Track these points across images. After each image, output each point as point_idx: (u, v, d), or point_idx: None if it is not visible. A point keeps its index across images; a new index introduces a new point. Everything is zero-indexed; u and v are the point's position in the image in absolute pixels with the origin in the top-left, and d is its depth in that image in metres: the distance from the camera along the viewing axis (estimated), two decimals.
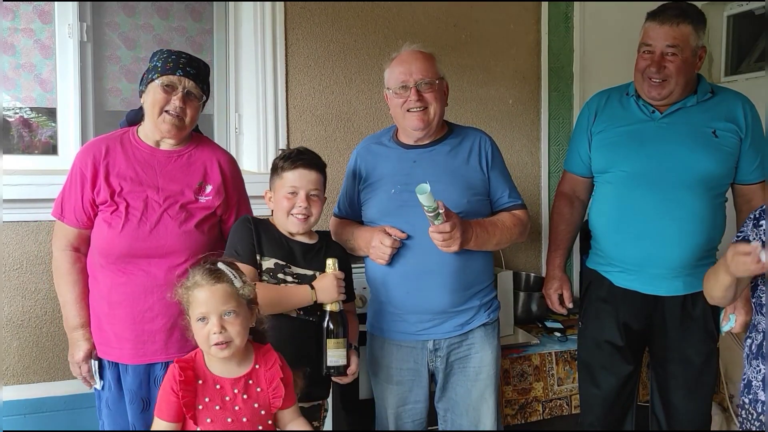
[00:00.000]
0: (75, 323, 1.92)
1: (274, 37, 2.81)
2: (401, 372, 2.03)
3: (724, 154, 2.05)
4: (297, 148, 1.92)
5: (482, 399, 2.03)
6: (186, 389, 1.50)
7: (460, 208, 1.94)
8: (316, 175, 1.87)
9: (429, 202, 1.75)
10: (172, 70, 1.85)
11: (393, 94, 1.99)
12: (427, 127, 1.98)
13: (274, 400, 1.57)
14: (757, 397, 1.72)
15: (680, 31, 2.01)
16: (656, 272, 2.09)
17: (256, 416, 1.54)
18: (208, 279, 1.51)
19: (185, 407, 1.49)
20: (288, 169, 1.85)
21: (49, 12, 2.62)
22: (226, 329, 1.49)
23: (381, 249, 1.94)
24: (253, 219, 1.90)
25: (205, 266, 1.55)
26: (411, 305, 1.98)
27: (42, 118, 2.69)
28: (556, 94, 3.35)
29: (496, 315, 2.08)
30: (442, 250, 1.87)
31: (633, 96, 2.15)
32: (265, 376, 1.58)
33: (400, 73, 1.97)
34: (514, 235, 2.03)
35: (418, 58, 1.98)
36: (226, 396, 1.53)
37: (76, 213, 1.88)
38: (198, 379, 1.53)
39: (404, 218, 1.95)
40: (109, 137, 1.94)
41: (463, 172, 2.00)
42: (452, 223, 1.84)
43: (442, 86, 2.02)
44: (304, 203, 1.84)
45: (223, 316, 1.50)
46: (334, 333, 1.79)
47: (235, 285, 1.53)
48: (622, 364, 2.19)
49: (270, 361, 1.59)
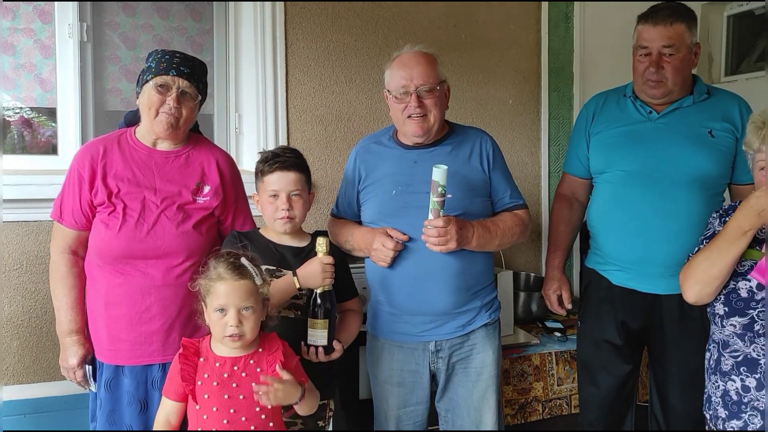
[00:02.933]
0: (69, 328, 1.91)
1: (274, 37, 2.82)
2: (402, 374, 2.02)
3: (720, 154, 2.06)
4: (275, 150, 1.90)
5: (484, 399, 2.02)
6: (185, 362, 1.57)
7: (462, 209, 1.93)
8: (296, 175, 1.85)
9: (443, 180, 1.76)
10: (165, 70, 1.84)
11: (393, 98, 1.97)
12: (426, 134, 1.97)
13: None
14: (717, 413, 1.72)
15: (674, 30, 2.02)
16: (653, 270, 2.09)
17: (253, 396, 1.56)
18: (232, 274, 1.57)
19: (183, 380, 1.56)
20: (267, 173, 1.84)
21: (49, 12, 2.62)
22: (242, 323, 1.56)
23: (383, 252, 1.92)
24: (239, 233, 1.90)
25: (229, 260, 1.60)
26: (412, 307, 1.97)
27: (42, 118, 2.69)
28: (556, 94, 3.35)
29: (497, 315, 2.07)
30: (436, 249, 1.85)
31: (630, 97, 2.16)
32: (267, 359, 1.62)
33: (401, 77, 1.94)
34: (516, 235, 2.02)
35: (420, 62, 1.95)
36: (225, 373, 1.58)
37: (74, 215, 1.88)
38: (200, 357, 1.60)
39: (405, 219, 1.93)
40: (107, 138, 1.93)
41: (464, 173, 1.99)
42: (446, 219, 1.83)
43: (443, 90, 2.00)
44: (285, 205, 1.82)
45: (241, 311, 1.56)
46: (313, 312, 1.78)
47: (256, 282, 1.59)
48: (621, 364, 2.19)
49: (273, 347, 1.64)
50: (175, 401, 1.60)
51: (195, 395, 1.57)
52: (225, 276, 1.57)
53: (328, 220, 2.18)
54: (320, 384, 1.86)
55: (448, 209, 1.86)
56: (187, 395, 1.58)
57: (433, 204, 1.81)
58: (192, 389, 1.56)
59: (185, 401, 1.60)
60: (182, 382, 1.56)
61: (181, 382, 1.57)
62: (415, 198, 1.91)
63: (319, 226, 2.52)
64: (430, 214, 1.83)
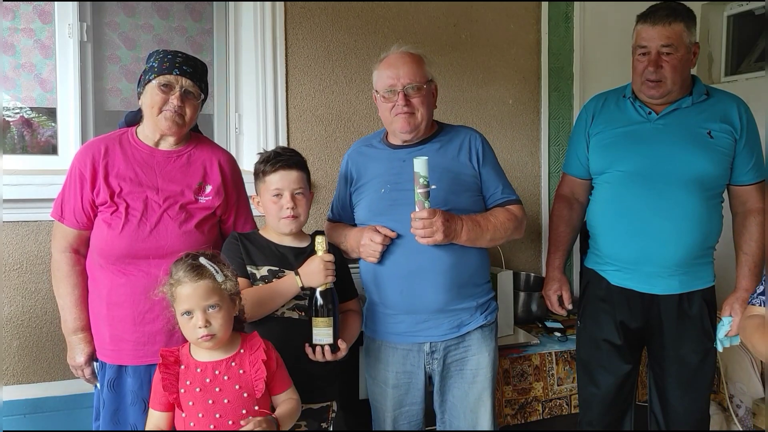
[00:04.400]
0: (75, 326, 1.91)
1: (274, 37, 2.82)
2: (398, 375, 2.02)
3: (719, 155, 2.06)
4: (275, 150, 1.91)
5: (479, 401, 2.02)
6: (165, 372, 1.56)
7: (451, 204, 1.93)
8: (298, 173, 1.86)
9: (425, 171, 1.76)
10: (168, 70, 1.84)
11: (381, 97, 2.00)
12: (414, 131, 1.98)
13: (257, 382, 1.58)
14: None
15: (673, 29, 2.03)
16: (651, 271, 2.09)
17: (238, 399, 1.56)
18: (190, 276, 1.56)
19: (165, 389, 1.55)
20: (269, 172, 1.84)
21: (49, 12, 2.62)
22: (210, 323, 1.55)
23: (371, 246, 1.93)
24: (239, 234, 1.90)
25: (187, 261, 1.59)
26: (405, 305, 1.97)
27: (42, 118, 2.69)
28: (556, 94, 3.35)
29: (493, 317, 2.07)
30: (423, 242, 1.85)
31: (630, 98, 2.17)
32: (249, 359, 1.61)
33: (388, 77, 1.96)
34: (509, 231, 2.01)
35: (406, 62, 1.97)
36: (207, 378, 1.57)
37: (75, 214, 1.88)
38: (180, 365, 1.59)
39: (395, 217, 1.94)
40: (108, 138, 1.93)
41: (452, 169, 1.99)
42: (432, 211, 1.83)
43: (431, 89, 2.01)
44: (290, 203, 1.83)
45: (206, 311, 1.55)
46: (315, 311, 1.78)
47: (217, 280, 1.58)
48: (621, 364, 2.19)
49: (255, 346, 1.62)
50: (162, 411, 1.60)
51: (179, 403, 1.56)
52: (184, 279, 1.56)
53: (325, 225, 2.19)
54: (322, 386, 1.87)
55: (436, 205, 1.86)
56: (172, 405, 1.57)
57: (417, 196, 1.82)
58: (176, 398, 1.56)
59: (172, 410, 1.59)
60: (164, 391, 1.56)
61: (164, 392, 1.56)
62: (404, 195, 1.91)
63: (318, 226, 2.52)
64: (416, 207, 1.84)
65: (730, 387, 2.90)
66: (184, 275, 1.56)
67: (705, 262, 2.12)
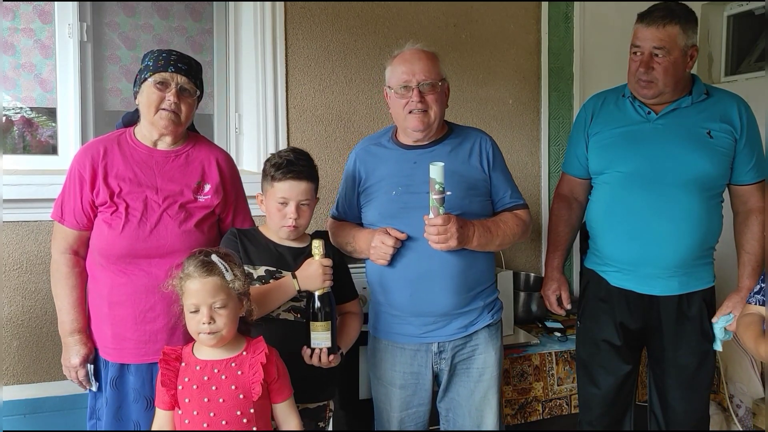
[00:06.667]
0: (71, 328, 1.91)
1: (274, 37, 2.81)
2: (405, 375, 2.02)
3: (719, 155, 2.06)
4: (288, 156, 1.85)
5: (485, 400, 2.03)
6: (166, 368, 1.57)
7: (461, 208, 1.93)
8: (307, 185, 1.84)
9: (441, 177, 1.76)
10: (163, 67, 1.85)
11: (394, 93, 1.97)
12: (427, 129, 1.97)
13: (254, 385, 1.58)
14: None
15: (666, 32, 2.01)
16: (650, 272, 2.09)
17: (233, 399, 1.56)
18: (200, 271, 1.57)
19: (164, 385, 1.56)
20: (279, 179, 1.82)
21: (49, 12, 2.62)
22: (214, 320, 1.56)
23: (382, 249, 1.92)
24: (238, 231, 1.90)
25: (199, 257, 1.60)
26: (415, 308, 1.96)
27: (42, 118, 2.69)
28: (556, 94, 3.35)
29: (499, 316, 2.07)
30: (437, 248, 1.84)
31: (629, 98, 2.16)
32: (249, 362, 1.61)
33: (403, 72, 1.95)
34: (516, 235, 2.02)
35: (421, 58, 1.96)
36: (205, 376, 1.58)
37: (75, 215, 1.88)
38: (181, 362, 1.60)
39: (406, 220, 1.93)
40: (106, 138, 1.94)
41: (463, 173, 1.98)
42: (446, 217, 1.82)
43: (444, 88, 2.00)
44: (294, 213, 1.82)
45: (213, 308, 1.56)
46: (314, 315, 1.77)
47: (226, 278, 1.58)
48: (620, 364, 2.19)
49: (258, 350, 1.62)
50: (166, 410, 1.60)
51: (177, 400, 1.56)
52: (194, 274, 1.57)
53: (329, 222, 2.18)
54: (320, 386, 1.87)
55: (448, 209, 1.86)
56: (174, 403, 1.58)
57: (432, 201, 1.81)
58: (173, 394, 1.56)
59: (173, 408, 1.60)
60: (162, 387, 1.57)
61: (164, 391, 1.57)
62: (416, 198, 1.90)
63: (318, 225, 2.52)
64: (431, 212, 1.83)
65: (730, 387, 2.90)
66: (194, 270, 1.57)
67: (705, 262, 2.12)
